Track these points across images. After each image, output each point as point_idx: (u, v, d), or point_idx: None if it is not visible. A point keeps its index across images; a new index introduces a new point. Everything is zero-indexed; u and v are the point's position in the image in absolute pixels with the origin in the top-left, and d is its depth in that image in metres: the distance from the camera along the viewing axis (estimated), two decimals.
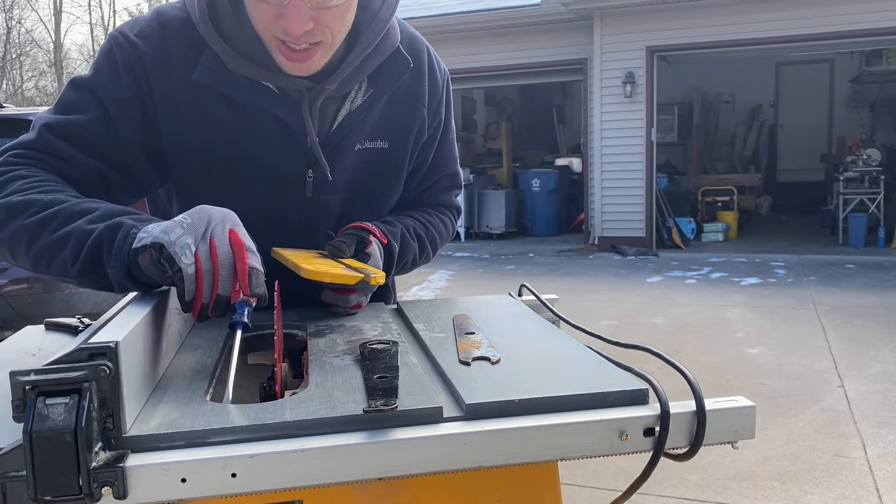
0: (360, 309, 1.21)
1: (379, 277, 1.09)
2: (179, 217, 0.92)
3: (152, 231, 0.91)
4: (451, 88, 1.42)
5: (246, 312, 0.90)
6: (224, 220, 0.93)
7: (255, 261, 0.92)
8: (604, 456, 0.78)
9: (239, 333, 0.89)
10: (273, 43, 1.12)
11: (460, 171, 1.50)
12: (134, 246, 0.91)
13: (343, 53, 1.20)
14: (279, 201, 1.25)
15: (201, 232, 0.90)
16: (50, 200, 1.00)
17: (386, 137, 1.30)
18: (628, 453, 0.78)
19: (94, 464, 0.66)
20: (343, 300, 1.17)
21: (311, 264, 1.09)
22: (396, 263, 1.30)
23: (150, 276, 0.91)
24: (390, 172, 1.34)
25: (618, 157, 10.05)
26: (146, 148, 1.17)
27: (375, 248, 1.22)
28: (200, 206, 0.94)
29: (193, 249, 0.88)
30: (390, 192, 1.37)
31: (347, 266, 1.13)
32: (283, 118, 1.19)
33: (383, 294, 1.44)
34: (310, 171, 1.24)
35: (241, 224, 0.95)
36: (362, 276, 1.07)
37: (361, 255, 1.20)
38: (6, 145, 1.12)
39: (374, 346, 0.94)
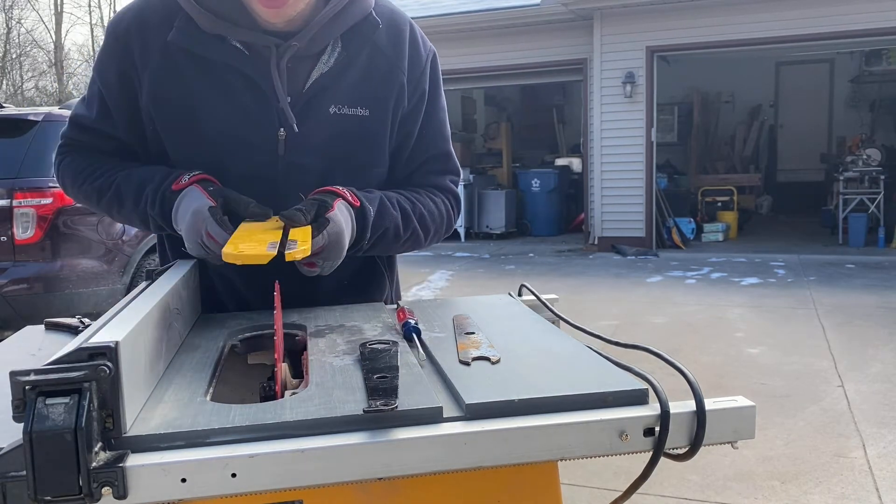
0: (314, 270, 1.18)
1: (296, 253, 1.04)
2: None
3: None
4: (438, 68, 1.42)
5: None
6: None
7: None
8: (604, 456, 0.78)
9: None
10: None
11: (454, 155, 1.47)
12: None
13: (313, 13, 1.25)
14: (254, 159, 1.27)
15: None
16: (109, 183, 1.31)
17: (366, 105, 1.31)
18: (628, 453, 0.78)
19: (94, 464, 0.66)
20: (307, 270, 1.17)
21: (235, 243, 1.06)
22: (373, 229, 1.25)
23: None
24: (371, 141, 1.33)
25: (618, 157, 10.05)
26: (137, 124, 1.31)
27: (338, 213, 1.17)
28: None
29: None
30: (373, 161, 1.35)
31: (283, 239, 1.08)
32: (252, 76, 1.24)
33: (381, 289, 1.43)
34: (281, 129, 1.26)
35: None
36: (274, 254, 1.03)
37: (321, 220, 1.15)
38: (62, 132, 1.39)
39: (374, 346, 0.94)
